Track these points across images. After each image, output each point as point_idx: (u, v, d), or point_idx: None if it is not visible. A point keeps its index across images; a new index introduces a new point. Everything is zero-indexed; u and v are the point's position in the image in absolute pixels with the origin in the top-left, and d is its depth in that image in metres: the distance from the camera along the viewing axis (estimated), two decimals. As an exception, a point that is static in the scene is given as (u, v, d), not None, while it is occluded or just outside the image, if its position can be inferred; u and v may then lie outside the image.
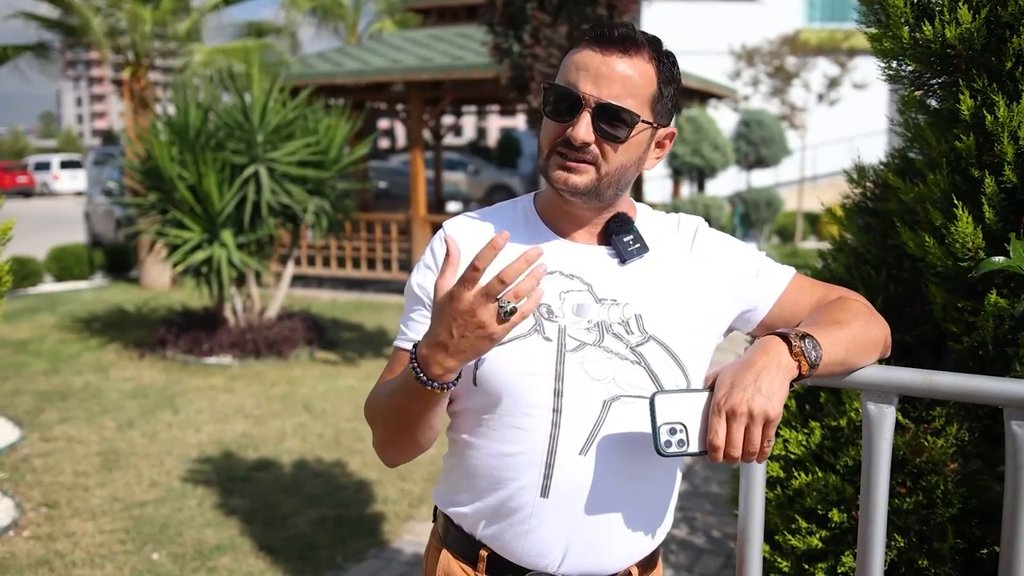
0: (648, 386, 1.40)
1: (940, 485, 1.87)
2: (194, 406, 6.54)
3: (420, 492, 4.91)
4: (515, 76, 6.49)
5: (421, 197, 11.84)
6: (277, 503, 4.71)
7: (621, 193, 1.46)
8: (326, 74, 11.55)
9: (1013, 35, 1.72)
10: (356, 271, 12.56)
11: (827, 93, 17.96)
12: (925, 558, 1.83)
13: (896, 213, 2.04)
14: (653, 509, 1.49)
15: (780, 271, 1.56)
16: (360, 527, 4.44)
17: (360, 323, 9.98)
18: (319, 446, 5.67)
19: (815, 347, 1.33)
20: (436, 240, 1.54)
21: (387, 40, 13.40)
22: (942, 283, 1.90)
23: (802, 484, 1.91)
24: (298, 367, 7.83)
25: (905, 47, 1.85)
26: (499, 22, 6.50)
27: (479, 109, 21.69)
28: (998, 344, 1.87)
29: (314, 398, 6.82)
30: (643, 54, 1.38)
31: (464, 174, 25.44)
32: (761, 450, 1.27)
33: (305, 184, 8.15)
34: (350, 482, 5.06)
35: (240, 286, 8.43)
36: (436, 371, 1.28)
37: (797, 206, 18.54)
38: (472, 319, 1.22)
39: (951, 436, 1.91)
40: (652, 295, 1.45)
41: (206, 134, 7.78)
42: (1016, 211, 1.79)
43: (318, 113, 8.40)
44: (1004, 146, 1.72)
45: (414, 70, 11.05)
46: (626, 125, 1.37)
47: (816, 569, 1.89)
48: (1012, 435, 1.40)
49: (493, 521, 1.45)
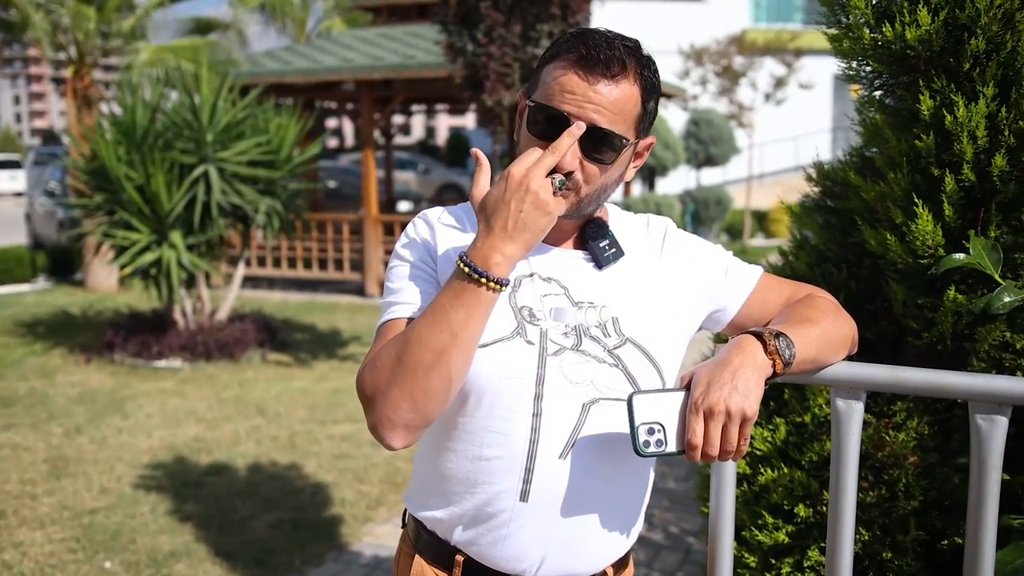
0: (626, 388, 1.40)
1: (902, 478, 1.90)
2: (144, 410, 6.42)
3: (378, 494, 4.88)
4: (469, 75, 6.48)
5: (373, 197, 11.77)
6: (232, 507, 4.64)
7: (600, 204, 1.47)
8: (275, 73, 11.42)
9: (971, 37, 1.76)
10: (307, 272, 12.44)
11: (774, 92, 18.23)
12: (889, 550, 1.86)
13: (856, 211, 2.07)
14: (629, 509, 1.49)
15: (749, 270, 1.57)
16: (318, 530, 4.39)
17: (312, 324, 9.89)
18: (274, 449, 5.61)
19: (789, 345, 1.34)
20: (419, 220, 1.51)
21: (337, 39, 13.28)
22: (902, 280, 1.93)
23: (768, 480, 1.93)
24: (250, 369, 7.73)
25: (866, 48, 1.87)
26: (453, 21, 6.48)
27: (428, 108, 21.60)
28: (956, 339, 1.90)
29: (267, 400, 6.74)
30: (629, 75, 1.35)
31: (414, 173, 25.35)
32: (738, 448, 1.28)
33: (256, 184, 8.04)
34: (306, 485, 5.01)
35: (190, 288, 8.29)
36: (495, 259, 1.26)
37: (745, 204, 18.79)
38: (530, 191, 1.25)
39: (912, 430, 1.94)
40: (627, 298, 1.46)
41: (154, 134, 7.65)
42: (974, 209, 1.83)
43: (268, 112, 8.30)
44: (963, 145, 1.75)
45: (365, 69, 10.98)
46: (613, 149, 1.36)
47: (783, 564, 1.91)
48: (976, 428, 1.42)
49: (470, 526, 1.44)
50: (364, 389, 1.34)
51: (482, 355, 1.38)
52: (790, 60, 18.16)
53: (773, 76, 18.22)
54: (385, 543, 4.27)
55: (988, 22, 1.74)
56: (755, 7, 25.64)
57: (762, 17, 25.37)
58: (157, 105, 7.91)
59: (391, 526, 4.48)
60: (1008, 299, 1.59)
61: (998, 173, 1.75)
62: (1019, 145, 1.74)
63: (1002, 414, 1.41)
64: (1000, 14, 1.73)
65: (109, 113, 8.07)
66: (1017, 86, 1.75)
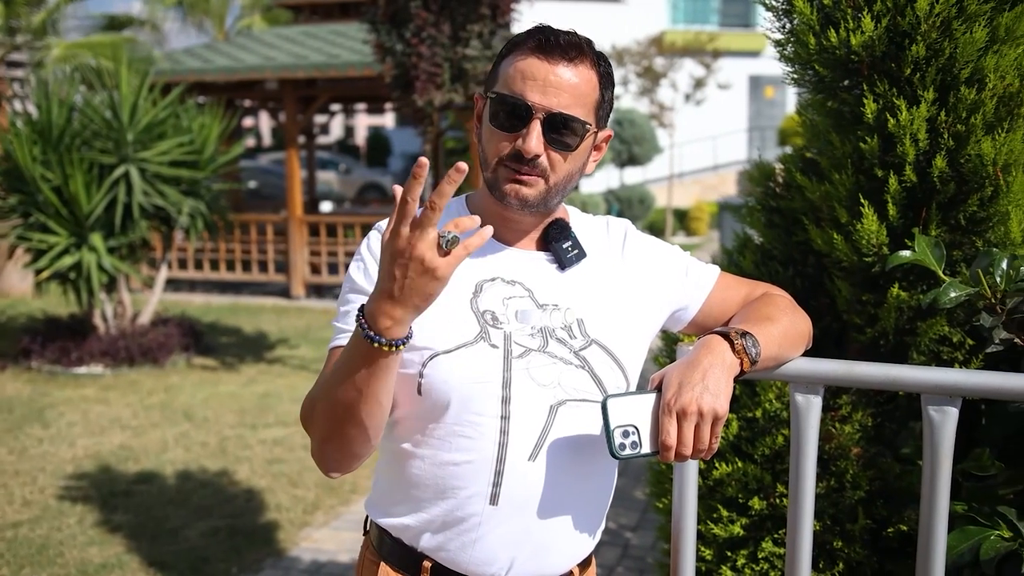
0: (592, 389, 1.41)
1: (848, 469, 1.97)
2: (65, 419, 6.22)
3: (314, 498, 4.82)
4: (399, 75, 6.45)
5: (297, 197, 11.60)
6: (164, 516, 4.54)
7: (563, 199, 1.48)
8: (196, 71, 11.16)
9: (911, 44, 1.83)
10: (231, 274, 12.20)
11: (693, 93, 18.56)
12: (839, 539, 1.92)
13: (800, 211, 2.13)
14: (595, 509, 1.51)
15: (707, 270, 1.61)
16: (254, 537, 4.33)
17: (238, 327, 9.71)
18: (204, 455, 5.50)
19: (755, 344, 1.38)
20: (373, 234, 1.49)
21: (258, 37, 13.05)
22: (847, 278, 2.00)
23: (723, 474, 1.97)
24: (175, 374, 7.56)
25: (811, 53, 1.93)
26: (382, 20, 6.44)
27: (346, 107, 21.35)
28: (898, 334, 1.98)
29: (195, 406, 6.59)
30: (587, 60, 1.38)
31: (336, 173, 25.04)
32: (709, 447, 1.31)
33: (179, 185, 7.86)
34: (240, 491, 4.92)
35: (110, 291, 8.06)
36: (384, 323, 1.18)
37: (667, 202, 19.10)
38: (413, 254, 1.14)
39: (856, 422, 2.01)
40: (591, 299, 1.47)
41: (71, 133, 7.41)
42: (915, 209, 1.90)
43: (191, 112, 8.12)
44: (906, 148, 1.82)
45: (288, 68, 10.81)
46: (576, 134, 1.38)
47: (738, 556, 1.96)
48: (929, 419, 1.48)
49: (438, 532, 1.43)
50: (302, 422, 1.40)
51: (447, 361, 1.38)
52: (708, 61, 18.52)
53: (692, 77, 18.55)
54: (323, 548, 4.23)
55: (927, 29, 1.81)
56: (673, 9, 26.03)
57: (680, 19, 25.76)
58: (74, 103, 7.67)
59: (329, 530, 4.44)
60: (954, 294, 1.66)
61: (938, 174, 1.83)
62: (958, 147, 1.81)
63: (952, 405, 1.48)
64: (938, 22, 1.81)
65: (23, 111, 7.79)
66: (955, 91, 1.82)
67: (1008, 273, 1.66)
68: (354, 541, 4.30)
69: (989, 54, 1.79)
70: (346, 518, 4.60)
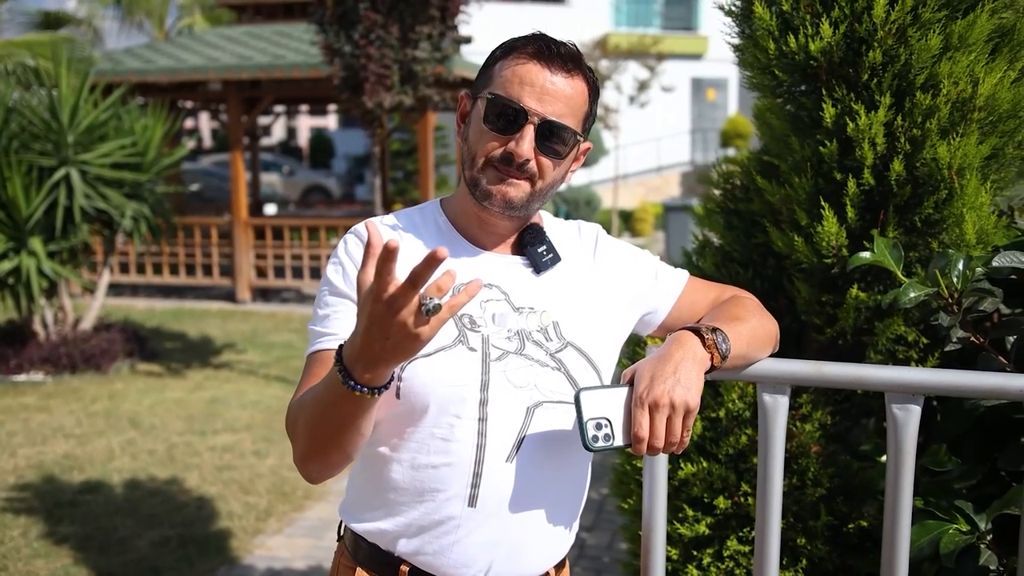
0: (568, 391, 1.42)
1: (809, 467, 2.00)
2: (5, 428, 6.05)
3: (266, 505, 4.76)
4: (348, 76, 6.40)
5: (243, 200, 11.45)
6: (112, 526, 4.44)
7: (542, 205, 1.50)
8: (137, 71, 10.94)
9: (868, 50, 1.87)
10: (174, 278, 12.00)
11: (637, 95, 18.73)
12: (802, 536, 1.96)
13: (759, 213, 2.16)
14: (570, 509, 1.52)
15: (676, 274, 1.63)
16: (207, 545, 4.26)
17: (183, 332, 9.55)
18: (152, 463, 5.39)
19: (725, 340, 1.40)
20: (350, 237, 1.48)
21: (201, 37, 12.84)
22: (807, 279, 2.03)
23: (688, 474, 2.00)
24: (119, 381, 7.41)
25: (771, 58, 1.96)
26: (330, 21, 6.38)
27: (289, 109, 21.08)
28: (856, 334, 2.02)
29: (140, 413, 6.47)
30: (581, 72, 1.41)
31: (279, 175, 24.75)
32: (681, 439, 1.33)
33: (121, 188, 7.70)
34: (190, 499, 4.84)
35: (50, 297, 7.87)
36: (365, 376, 1.17)
37: (612, 204, 19.24)
38: (395, 319, 1.10)
39: (816, 421, 2.04)
40: (566, 302, 1.49)
41: (8, 135, 7.22)
42: (872, 211, 1.94)
43: (133, 113, 7.97)
44: (865, 152, 1.86)
45: (233, 69, 10.67)
46: (565, 143, 1.40)
47: (703, 555, 1.98)
48: (893, 417, 1.52)
49: (416, 535, 1.43)
50: (287, 431, 1.41)
51: (425, 364, 1.38)
52: (652, 64, 18.69)
53: (636, 79, 18.72)
54: (278, 555, 4.18)
55: (884, 36, 1.85)
56: (616, 12, 26.22)
57: (623, 22, 25.96)
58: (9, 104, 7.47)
59: (283, 537, 4.39)
60: (914, 294, 1.70)
61: (895, 178, 1.87)
62: (914, 151, 1.86)
63: (915, 403, 1.51)
64: (894, 29, 1.85)
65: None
66: (911, 96, 1.87)
67: (965, 274, 1.71)
68: (310, 547, 4.26)
69: (943, 61, 1.84)
70: (300, 524, 4.55)
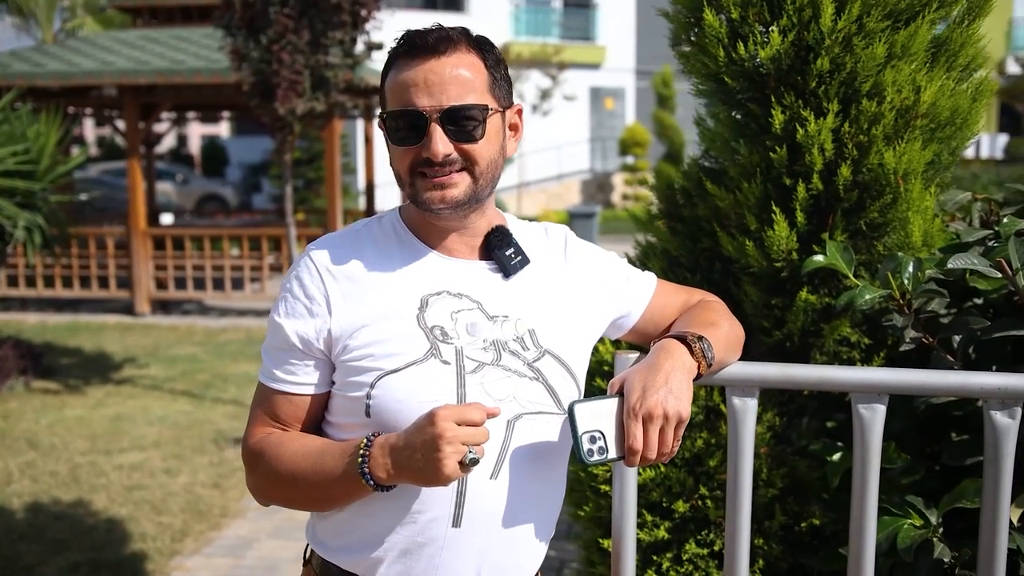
0: (547, 401, 1.40)
1: (762, 468, 2.03)
2: None
3: (181, 524, 4.59)
4: (258, 82, 6.25)
5: (141, 209, 11.04)
6: (16, 554, 4.21)
7: (494, 190, 1.45)
8: (26, 75, 10.42)
9: (816, 58, 1.91)
10: (68, 290, 11.48)
11: (540, 104, 18.91)
12: (758, 537, 1.98)
13: (704, 218, 2.19)
14: (550, 519, 1.50)
15: (646, 277, 1.62)
16: (120, 570, 4.07)
17: (79, 347, 9.15)
18: (55, 485, 5.14)
19: (710, 348, 1.40)
20: (303, 271, 1.42)
21: (94, 40, 12.33)
22: (755, 283, 2.06)
23: (646, 479, 2.00)
24: (13, 399, 7.04)
25: (720, 65, 1.99)
26: (239, 25, 6.22)
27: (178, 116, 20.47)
28: (803, 336, 2.06)
29: (39, 432, 6.16)
30: (461, 47, 1.36)
31: (172, 184, 24.02)
32: (671, 450, 1.32)
33: (13, 197, 7.34)
34: (98, 522, 4.62)
35: (-65, 312, 7.44)
36: (380, 474, 1.28)
37: (516, 211, 19.36)
38: (442, 454, 1.22)
39: (767, 422, 2.08)
40: (540, 308, 1.46)
41: None
42: (820, 215, 1.99)
43: (24, 119, 7.60)
44: (814, 157, 1.90)
45: (129, 73, 10.27)
46: (477, 120, 1.35)
47: (663, 559, 1.99)
48: (859, 417, 1.55)
49: (398, 560, 1.38)
50: (245, 466, 1.48)
51: (397, 380, 1.34)
52: (554, 73, 18.92)
53: (539, 88, 18.90)
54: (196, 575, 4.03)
55: (831, 44, 1.90)
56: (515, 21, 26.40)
57: (522, 31, 26.15)
58: None
59: (201, 558, 4.23)
60: (869, 297, 1.74)
61: (843, 183, 1.92)
62: (861, 157, 1.91)
63: (881, 403, 1.55)
64: (841, 37, 1.90)
65: None
66: (857, 103, 1.92)
67: (916, 276, 1.76)
68: (230, 567, 4.12)
69: (888, 69, 1.89)
70: (218, 544, 4.40)
